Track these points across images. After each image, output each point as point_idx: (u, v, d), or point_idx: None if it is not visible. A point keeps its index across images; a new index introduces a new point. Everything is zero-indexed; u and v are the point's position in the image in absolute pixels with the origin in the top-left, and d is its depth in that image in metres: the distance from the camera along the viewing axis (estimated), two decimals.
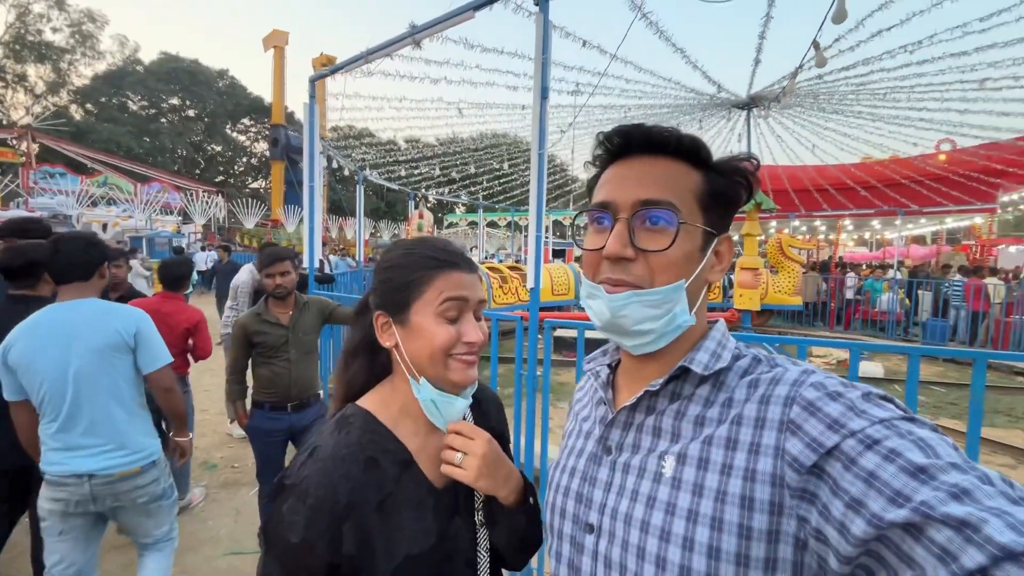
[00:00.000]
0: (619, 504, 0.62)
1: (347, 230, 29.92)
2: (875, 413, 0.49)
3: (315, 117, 4.06)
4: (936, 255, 18.81)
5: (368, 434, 0.79)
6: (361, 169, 10.79)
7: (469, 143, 13.81)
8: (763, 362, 0.63)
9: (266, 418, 2.72)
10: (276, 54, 31.37)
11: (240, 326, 2.71)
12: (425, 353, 0.77)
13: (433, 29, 3.23)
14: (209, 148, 45.57)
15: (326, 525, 0.70)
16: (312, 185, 4.21)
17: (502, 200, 19.20)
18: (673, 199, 0.61)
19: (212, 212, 26.19)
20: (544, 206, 2.80)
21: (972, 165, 12.07)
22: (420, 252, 0.81)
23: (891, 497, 0.43)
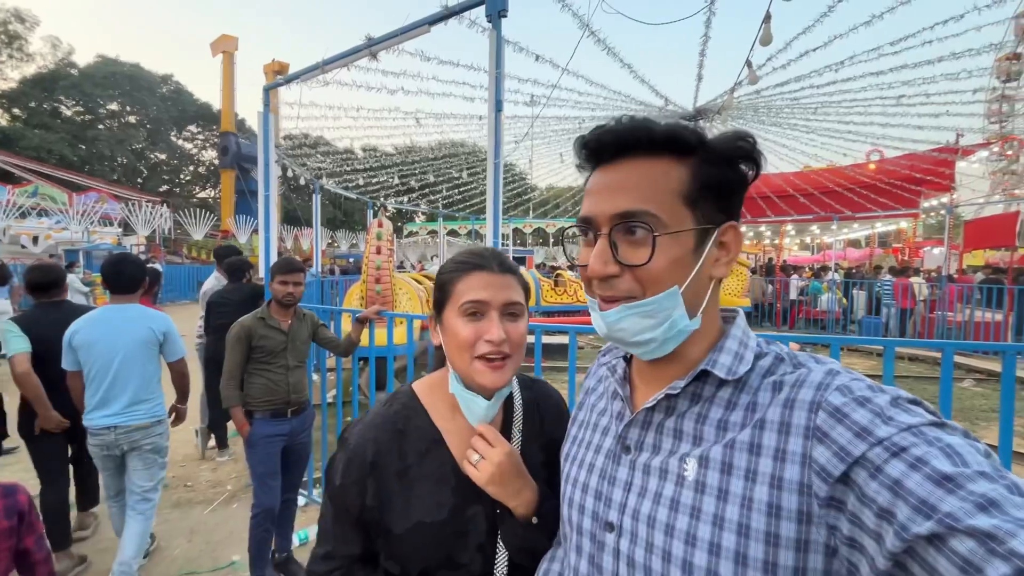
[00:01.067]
0: (641, 505, 0.62)
1: (303, 240, 29.12)
2: (903, 419, 0.47)
3: (270, 126, 4.03)
4: (869, 257, 20.17)
5: (405, 410, 0.90)
6: (317, 178, 10.61)
7: (428, 152, 13.82)
8: (786, 361, 0.61)
9: (267, 424, 2.69)
10: (225, 60, 30.30)
11: (244, 327, 2.67)
12: (453, 350, 0.84)
13: (390, 42, 3.31)
14: (152, 156, 43.29)
15: (356, 476, 0.84)
16: (268, 195, 4.17)
17: (462, 208, 19.24)
18: (651, 207, 0.58)
19: (157, 223, 24.89)
20: (501, 214, 2.91)
21: (896, 174, 13.09)
22: (456, 258, 0.89)
23: (916, 507, 0.41)
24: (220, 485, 4.03)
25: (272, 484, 2.73)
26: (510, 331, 0.81)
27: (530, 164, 13.50)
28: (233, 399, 2.68)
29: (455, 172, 14.70)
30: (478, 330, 0.80)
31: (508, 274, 0.85)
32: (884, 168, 13.65)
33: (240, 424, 2.70)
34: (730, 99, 6.72)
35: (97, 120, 39.64)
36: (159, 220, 24.95)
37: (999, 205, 14.92)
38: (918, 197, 14.32)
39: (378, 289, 6.04)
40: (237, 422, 2.70)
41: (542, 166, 16.15)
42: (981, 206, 15.22)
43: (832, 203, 15.07)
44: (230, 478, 4.16)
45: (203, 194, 46.26)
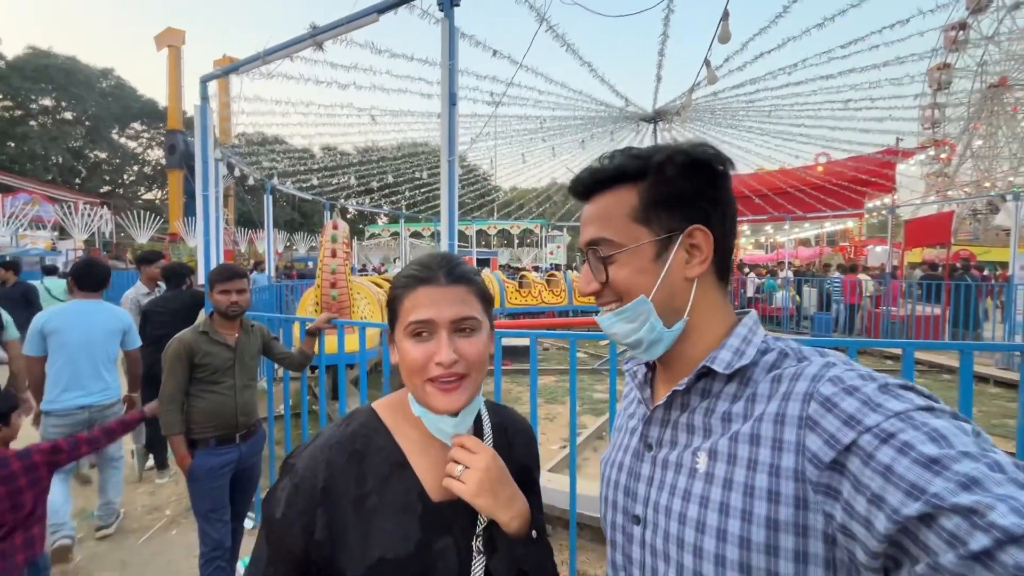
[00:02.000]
0: (660, 497, 0.67)
1: (258, 243, 28.02)
2: (891, 406, 0.50)
3: (208, 119, 3.75)
4: (819, 255, 21.12)
5: (364, 429, 0.80)
6: (269, 178, 10.14)
7: (387, 152, 13.49)
8: (790, 356, 0.64)
9: (212, 455, 2.41)
10: (171, 54, 28.89)
11: (184, 344, 2.38)
12: (404, 372, 0.77)
13: (336, 31, 3.10)
14: (92, 155, 40.67)
15: (303, 506, 0.73)
16: (206, 194, 3.87)
17: (425, 210, 18.95)
18: (605, 233, 0.67)
19: (96, 226, 23.35)
20: (456, 214, 2.76)
21: (843, 175, 13.73)
22: (403, 271, 0.81)
23: (907, 490, 0.44)
24: (158, 510, 3.72)
25: (222, 517, 2.47)
26: (464, 348, 0.74)
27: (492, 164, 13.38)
28: (175, 425, 2.37)
29: (416, 173, 14.43)
30: (427, 352, 0.73)
31: (459, 284, 0.77)
32: (832, 170, 14.32)
33: (181, 456, 2.40)
34: (689, 99, 6.81)
35: (28, 116, 36.92)
36: (99, 223, 23.42)
37: (934, 206, 15.87)
38: (863, 198, 15.07)
39: (334, 294, 5.76)
40: (177, 453, 2.41)
41: (505, 166, 16.08)
42: (918, 206, 16.14)
43: (785, 204, 15.68)
44: (169, 502, 3.84)
45: (149, 195, 43.87)
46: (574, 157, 15.25)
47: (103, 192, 38.53)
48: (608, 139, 11.79)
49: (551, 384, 7.04)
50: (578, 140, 12.43)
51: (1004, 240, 21.38)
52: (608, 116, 10.72)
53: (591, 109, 9.98)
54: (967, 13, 20.82)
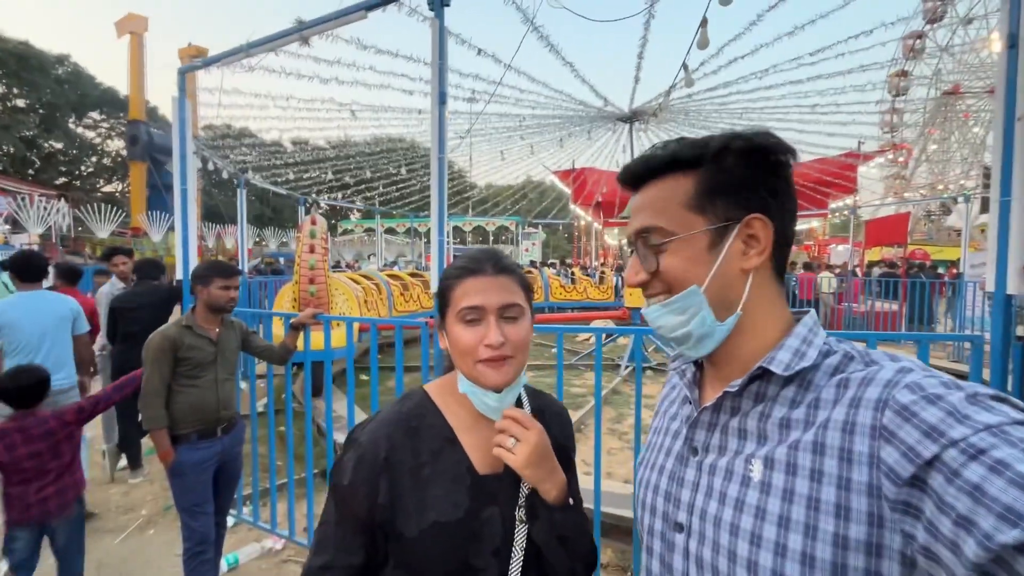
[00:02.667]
0: (708, 505, 0.63)
1: (227, 239, 27.21)
2: (980, 418, 0.45)
3: (186, 113, 3.67)
4: None
5: (419, 408, 0.89)
6: (242, 172, 9.90)
7: (364, 147, 13.30)
8: (856, 359, 0.59)
9: (194, 449, 2.42)
10: (132, 41, 27.71)
11: (167, 338, 2.38)
12: (456, 355, 0.84)
13: (323, 27, 3.09)
14: (46, 145, 38.67)
15: (367, 474, 0.81)
16: (185, 189, 3.79)
17: (400, 206, 18.78)
18: (658, 221, 0.64)
19: (52, 220, 22.26)
20: (446, 210, 2.80)
21: (809, 177, 14.25)
22: (454, 264, 0.89)
23: (1000, 514, 0.40)
24: (133, 510, 3.64)
25: (206, 511, 2.47)
26: (509, 333, 0.82)
27: (470, 162, 13.36)
28: (158, 420, 2.35)
29: (392, 168, 14.28)
30: (477, 335, 0.81)
31: (504, 275, 0.85)
32: (798, 171, 14.74)
33: (165, 451, 2.38)
34: (666, 100, 6.99)
35: None
36: (55, 216, 22.35)
37: (892, 207, 16.62)
38: (827, 198, 15.69)
39: (312, 290, 5.71)
40: (161, 448, 2.38)
41: (482, 163, 16.08)
42: (878, 207, 16.88)
43: None
44: (144, 501, 3.76)
45: (109, 188, 41.99)
46: (551, 155, 15.38)
47: (59, 184, 36.70)
48: (586, 137, 11.95)
49: (530, 379, 7.12)
50: (556, 139, 12.55)
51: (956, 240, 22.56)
52: (586, 115, 10.86)
53: (570, 108, 10.10)
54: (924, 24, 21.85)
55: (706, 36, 3.60)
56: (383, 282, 8.64)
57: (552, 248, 39.99)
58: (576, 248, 27.03)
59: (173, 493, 2.47)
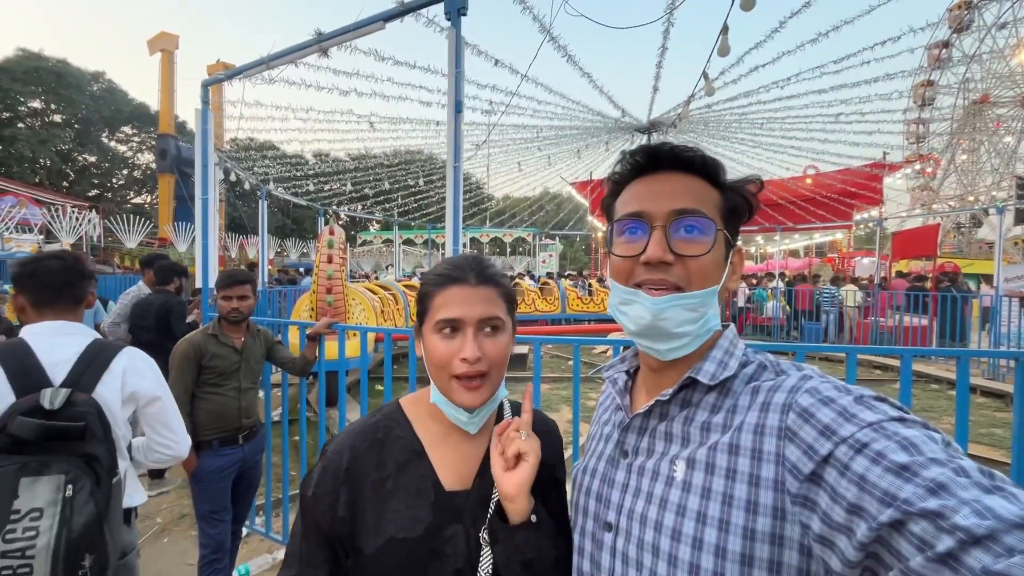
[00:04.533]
0: (635, 505, 0.66)
1: (249, 249, 27.79)
2: (864, 417, 0.51)
3: (208, 124, 3.74)
4: (809, 266, 21.39)
5: (387, 420, 0.86)
6: (264, 183, 10.10)
7: (383, 159, 13.49)
8: (768, 369, 0.66)
9: (216, 456, 2.45)
10: (164, 58, 28.75)
11: (193, 345, 2.44)
12: (430, 366, 0.80)
13: (341, 38, 3.12)
14: (80, 158, 40.17)
15: (329, 485, 0.79)
16: (206, 198, 3.86)
17: (418, 217, 18.94)
18: (705, 209, 0.66)
19: (84, 230, 23.01)
20: (461, 219, 2.78)
21: (832, 188, 13.96)
22: (435, 270, 0.85)
23: (880, 498, 0.45)
24: (148, 518, 3.64)
25: (224, 518, 2.49)
26: (487, 348, 0.77)
27: (487, 173, 13.43)
28: None
29: (411, 180, 14.44)
30: (453, 348, 0.77)
31: (487, 286, 0.81)
32: (821, 182, 14.56)
33: (188, 458, 2.38)
34: (686, 110, 6.93)
35: (16, 118, 36.44)
36: (87, 226, 23.10)
37: (920, 219, 16.17)
38: (851, 210, 15.33)
39: (329, 300, 5.73)
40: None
41: (500, 175, 16.15)
42: (904, 219, 16.45)
43: (775, 215, 15.89)
44: (159, 509, 3.77)
45: (138, 199, 43.34)
46: (568, 166, 15.37)
47: (91, 196, 38.04)
48: (603, 148, 11.91)
49: (546, 392, 7.04)
50: (573, 150, 12.54)
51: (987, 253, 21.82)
52: (604, 126, 10.84)
53: (587, 119, 10.09)
54: (950, 33, 21.44)
55: (727, 43, 3.55)
56: (400, 292, 8.68)
57: (569, 260, 39.87)
58: (593, 260, 26.91)
59: (193, 499, 2.50)
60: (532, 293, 12.39)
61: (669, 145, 0.69)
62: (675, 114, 9.18)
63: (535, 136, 10.82)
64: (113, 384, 1.52)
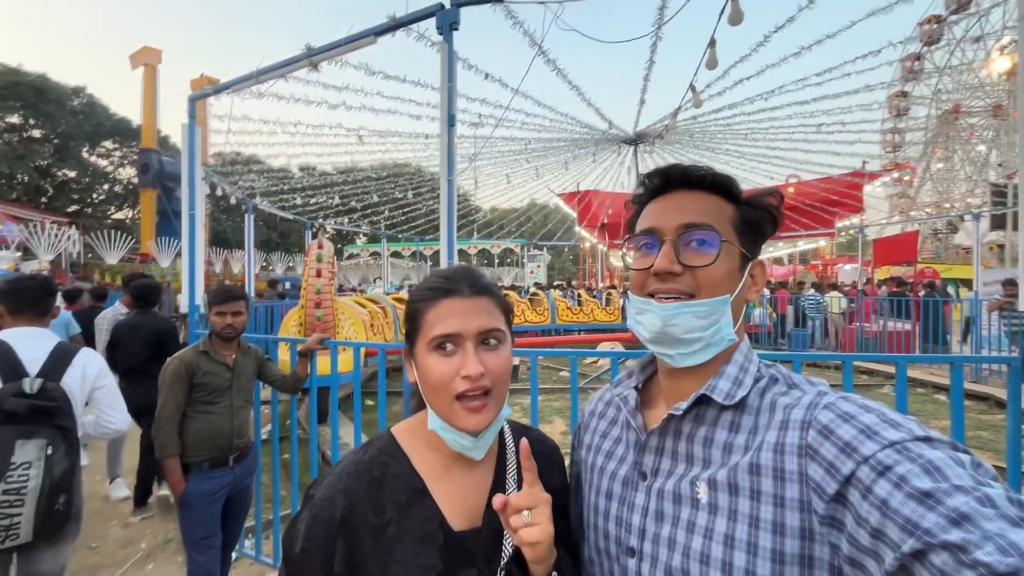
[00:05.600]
0: (660, 529, 0.65)
1: (233, 263, 27.42)
2: (887, 435, 0.50)
3: (196, 140, 3.69)
4: (793, 274, 21.72)
5: (382, 456, 0.77)
6: (250, 197, 9.99)
7: (370, 172, 13.46)
8: (780, 382, 0.66)
9: (205, 479, 2.37)
10: (146, 73, 28.60)
11: (184, 362, 2.38)
12: (428, 390, 0.73)
13: (332, 52, 3.12)
14: (60, 174, 39.48)
15: (323, 537, 0.69)
16: (193, 214, 3.79)
17: (406, 230, 18.89)
18: (713, 222, 0.68)
19: (63, 246, 22.55)
20: (456, 232, 2.77)
21: (815, 196, 14.24)
22: (424, 284, 0.78)
23: (903, 526, 0.44)
24: (132, 544, 3.52)
25: (213, 545, 2.40)
26: (489, 362, 0.71)
27: (475, 185, 13.47)
28: (171, 447, 2.32)
29: (399, 192, 14.42)
30: (452, 366, 0.70)
31: (483, 296, 0.74)
32: (804, 191, 14.85)
33: (176, 480, 2.33)
34: (673, 122, 7.05)
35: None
36: (66, 243, 22.65)
37: (899, 225, 16.56)
38: (833, 217, 15.64)
39: (318, 315, 5.65)
40: (172, 476, 2.33)
41: (487, 187, 16.20)
42: (884, 226, 16.81)
43: None
44: (144, 534, 3.64)
45: (119, 215, 42.67)
46: (556, 178, 15.48)
47: (71, 211, 37.35)
48: (591, 160, 12.03)
49: (539, 403, 6.99)
50: (561, 161, 12.65)
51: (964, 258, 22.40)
52: (591, 138, 10.95)
53: (575, 131, 10.19)
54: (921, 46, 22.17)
55: (714, 56, 3.62)
56: (389, 306, 8.60)
57: (557, 270, 40.00)
58: (581, 270, 27.01)
59: (180, 525, 2.41)
60: (522, 304, 12.38)
61: (680, 167, 0.71)
62: (662, 126, 9.32)
63: (524, 148, 10.90)
64: (75, 375, 2.00)
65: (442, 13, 2.73)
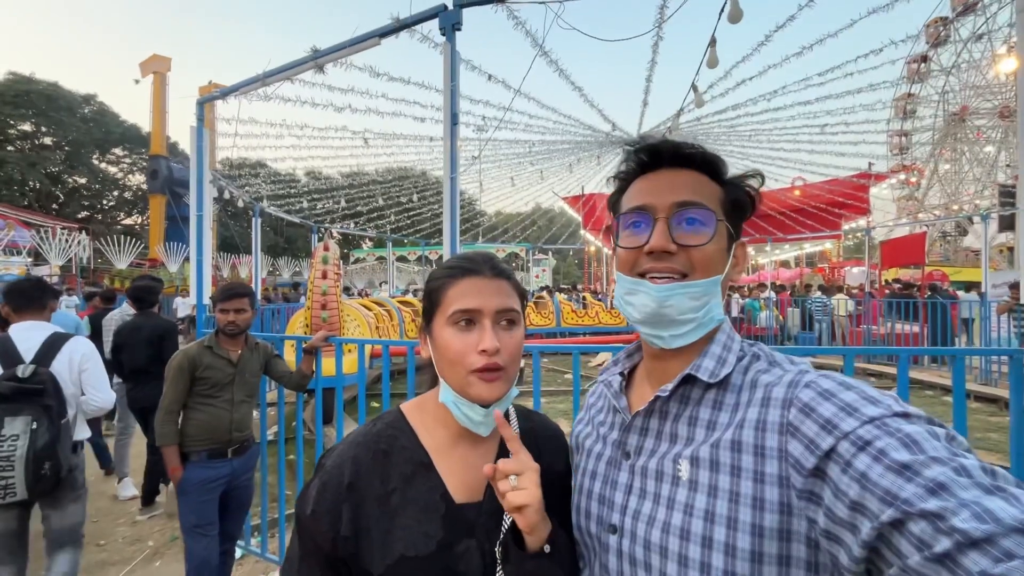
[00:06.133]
0: (640, 506, 0.66)
1: (241, 268, 27.64)
2: (866, 412, 0.51)
3: (204, 142, 3.75)
4: (799, 276, 21.59)
5: (390, 429, 0.81)
6: (257, 201, 10.09)
7: (376, 176, 13.55)
8: (761, 358, 0.68)
9: (204, 467, 2.46)
10: (156, 80, 28.98)
11: (188, 356, 2.48)
12: (444, 363, 0.76)
13: (337, 54, 3.16)
14: (70, 180, 40.01)
15: (331, 502, 0.73)
16: (201, 215, 3.84)
17: (411, 234, 18.97)
18: (706, 202, 0.68)
19: (73, 251, 22.82)
20: (458, 232, 2.79)
21: (821, 198, 14.17)
22: (445, 264, 0.82)
23: (882, 497, 0.45)
24: (140, 541, 3.56)
25: (209, 533, 2.46)
26: (505, 340, 0.74)
27: (480, 188, 13.52)
28: (169, 436, 2.43)
29: (404, 197, 14.51)
30: (470, 341, 0.73)
31: (502, 279, 0.78)
32: (810, 193, 14.78)
33: (173, 467, 2.44)
34: (676, 123, 7.04)
35: (6, 141, 36.31)
36: (76, 248, 22.92)
37: (906, 227, 16.43)
38: (840, 220, 15.55)
39: (324, 316, 5.68)
40: (170, 464, 2.45)
41: (492, 190, 16.26)
42: (891, 228, 16.69)
43: (766, 226, 16.08)
44: (152, 532, 3.68)
45: (129, 221, 43.14)
46: (560, 180, 15.51)
47: (81, 217, 37.84)
48: (595, 163, 12.05)
49: (543, 405, 6.99)
50: (565, 164, 12.68)
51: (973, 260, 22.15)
52: (595, 141, 10.98)
53: (579, 133, 10.22)
54: (928, 47, 22.08)
55: (715, 56, 3.64)
56: (394, 308, 8.64)
57: (563, 274, 39.98)
58: (587, 274, 27.00)
59: (179, 511, 2.49)
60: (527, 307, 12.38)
61: (670, 142, 0.71)
62: (665, 127, 9.34)
63: (527, 151, 10.94)
64: (63, 360, 2.37)
65: (445, 14, 2.77)
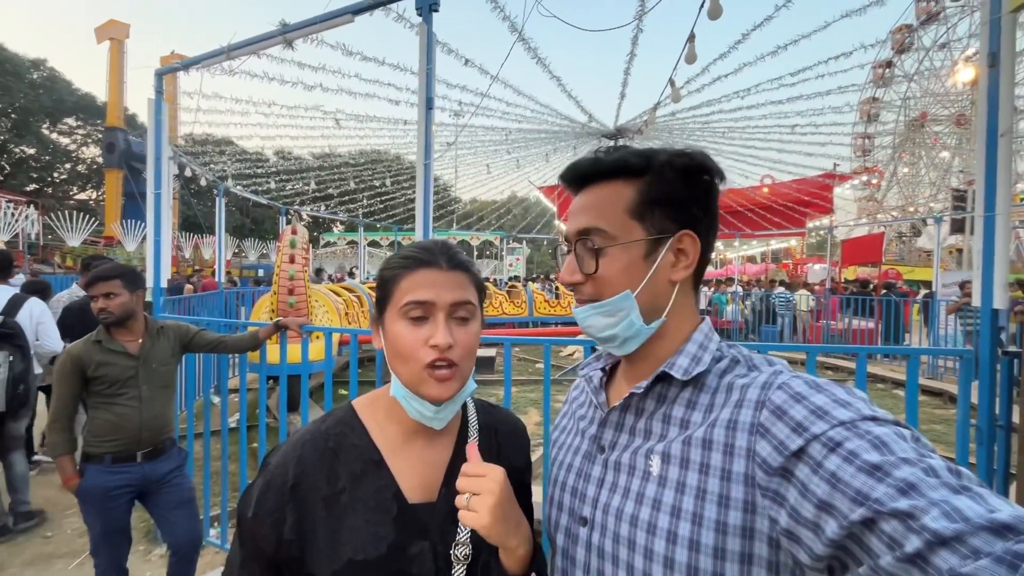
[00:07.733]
0: (611, 500, 0.67)
1: (204, 249, 26.64)
2: (837, 415, 0.52)
3: (162, 114, 3.55)
4: (765, 271, 22.26)
5: (339, 426, 0.77)
6: (222, 180, 9.69)
7: (348, 158, 13.19)
8: (741, 363, 0.67)
9: (106, 473, 2.18)
10: (113, 47, 27.37)
11: (72, 357, 2.18)
12: (394, 357, 0.73)
13: (307, 29, 3.03)
14: (18, 150, 37.62)
15: (273, 503, 0.70)
16: (159, 193, 3.66)
17: (384, 219, 18.64)
18: (601, 224, 0.67)
19: (21, 227, 21.53)
20: (432, 220, 2.74)
21: (788, 196, 14.60)
22: (400, 252, 0.78)
23: (853, 497, 0.46)
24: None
25: (111, 543, 2.21)
26: (459, 336, 0.71)
27: (455, 174, 13.36)
28: (59, 446, 2.16)
29: (377, 180, 14.20)
30: (422, 335, 0.70)
31: (459, 271, 0.75)
32: (777, 191, 15.22)
33: (67, 476, 2.17)
34: (652, 116, 7.10)
35: None
36: (23, 223, 21.63)
37: (866, 227, 17.10)
38: (805, 218, 16.08)
39: (291, 301, 5.52)
40: (63, 474, 2.17)
41: (468, 177, 16.08)
42: (852, 227, 17.34)
43: (735, 222, 16.48)
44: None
45: (82, 195, 40.93)
46: (537, 170, 15.47)
47: (30, 190, 35.67)
48: (571, 153, 12.05)
49: (513, 394, 7.02)
50: (542, 153, 12.64)
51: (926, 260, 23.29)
52: (571, 131, 10.97)
53: (556, 123, 10.19)
54: (893, 53, 22.84)
55: (694, 51, 3.65)
56: (365, 294, 8.49)
57: (536, 264, 40.09)
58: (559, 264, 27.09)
59: (84, 519, 2.22)
60: (499, 296, 12.38)
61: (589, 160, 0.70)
62: (641, 121, 9.39)
63: (504, 138, 10.84)
64: (24, 315, 3.24)
65: None
